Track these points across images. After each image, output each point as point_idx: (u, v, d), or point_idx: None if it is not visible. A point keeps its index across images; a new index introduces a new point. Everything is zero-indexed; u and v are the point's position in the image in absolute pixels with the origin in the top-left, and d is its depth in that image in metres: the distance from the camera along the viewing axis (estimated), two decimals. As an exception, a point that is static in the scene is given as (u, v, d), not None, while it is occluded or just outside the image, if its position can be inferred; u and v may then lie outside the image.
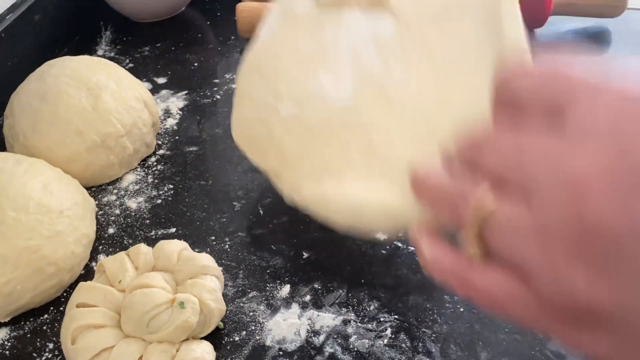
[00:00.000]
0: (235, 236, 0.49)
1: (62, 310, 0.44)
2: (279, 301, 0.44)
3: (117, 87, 0.56)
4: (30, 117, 0.53)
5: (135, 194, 0.54)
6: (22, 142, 0.53)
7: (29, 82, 0.56)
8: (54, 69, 0.56)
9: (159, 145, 0.60)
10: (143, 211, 0.52)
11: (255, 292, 0.45)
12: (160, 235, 0.50)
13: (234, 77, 0.70)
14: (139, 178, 0.56)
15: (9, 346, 0.42)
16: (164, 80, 0.70)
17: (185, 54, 0.75)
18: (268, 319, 0.43)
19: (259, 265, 0.47)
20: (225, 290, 0.44)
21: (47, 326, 0.43)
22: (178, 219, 0.51)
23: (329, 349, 0.40)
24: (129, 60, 0.75)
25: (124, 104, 0.55)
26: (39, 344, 0.42)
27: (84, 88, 0.54)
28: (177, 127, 0.63)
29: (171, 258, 0.42)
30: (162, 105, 0.66)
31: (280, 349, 0.41)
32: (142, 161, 0.58)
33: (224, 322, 0.42)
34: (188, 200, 0.53)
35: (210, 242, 0.49)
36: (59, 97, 0.53)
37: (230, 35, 0.79)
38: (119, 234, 0.50)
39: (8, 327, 0.44)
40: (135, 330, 0.38)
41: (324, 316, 0.42)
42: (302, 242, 0.48)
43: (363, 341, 0.41)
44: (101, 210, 0.53)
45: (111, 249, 0.49)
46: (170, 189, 0.55)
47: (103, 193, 0.55)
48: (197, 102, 0.66)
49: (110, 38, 0.80)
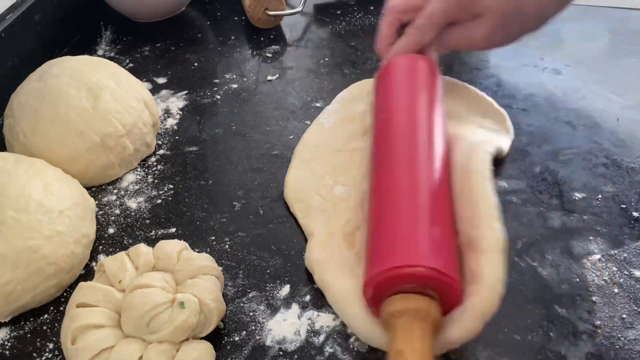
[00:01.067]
0: (235, 236, 0.49)
1: (62, 310, 0.44)
2: (279, 301, 0.44)
3: (117, 87, 0.56)
4: (30, 117, 0.53)
5: (135, 194, 0.54)
6: (22, 142, 0.53)
7: (29, 82, 0.56)
8: (54, 69, 0.56)
9: (159, 145, 0.60)
10: (143, 211, 0.52)
11: (255, 292, 0.45)
12: (160, 235, 0.50)
13: (234, 77, 0.70)
14: (139, 178, 0.56)
15: (9, 346, 0.42)
16: (164, 80, 0.70)
17: (185, 54, 0.75)
18: (268, 319, 0.43)
19: (259, 265, 0.47)
20: (225, 290, 0.44)
21: (47, 326, 0.43)
22: (178, 219, 0.51)
23: (329, 349, 0.40)
24: (129, 60, 0.75)
25: (124, 104, 0.55)
26: (39, 344, 0.42)
27: (84, 88, 0.54)
28: (177, 127, 0.63)
29: (171, 258, 0.42)
30: (162, 105, 0.66)
31: (280, 349, 0.41)
32: (142, 161, 0.58)
33: (224, 322, 0.42)
34: (188, 200, 0.53)
35: (210, 242, 0.49)
36: (59, 97, 0.53)
37: (230, 35, 0.79)
38: (119, 234, 0.50)
39: (8, 327, 0.44)
40: (135, 330, 0.38)
41: (324, 316, 0.42)
42: (302, 242, 0.48)
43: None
44: (101, 210, 0.53)
45: (111, 249, 0.49)
46: (170, 189, 0.55)
47: (103, 193, 0.55)
48: (197, 102, 0.66)
49: (110, 38, 0.80)
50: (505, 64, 0.69)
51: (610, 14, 0.77)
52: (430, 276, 0.34)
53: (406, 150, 0.43)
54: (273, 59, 0.73)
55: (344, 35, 0.77)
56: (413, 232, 0.37)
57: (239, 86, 0.68)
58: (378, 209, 0.41)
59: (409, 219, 0.38)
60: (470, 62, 0.70)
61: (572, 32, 0.74)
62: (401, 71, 0.52)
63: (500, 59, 0.70)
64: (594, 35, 0.73)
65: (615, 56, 0.69)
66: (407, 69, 0.52)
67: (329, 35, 0.78)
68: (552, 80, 0.65)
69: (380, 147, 0.46)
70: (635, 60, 0.68)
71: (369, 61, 0.71)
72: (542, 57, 0.69)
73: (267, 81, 0.69)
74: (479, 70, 0.68)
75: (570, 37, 0.73)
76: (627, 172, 0.52)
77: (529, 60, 0.69)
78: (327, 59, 0.72)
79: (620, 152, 0.54)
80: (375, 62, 0.70)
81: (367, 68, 0.70)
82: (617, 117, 0.58)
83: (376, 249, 0.38)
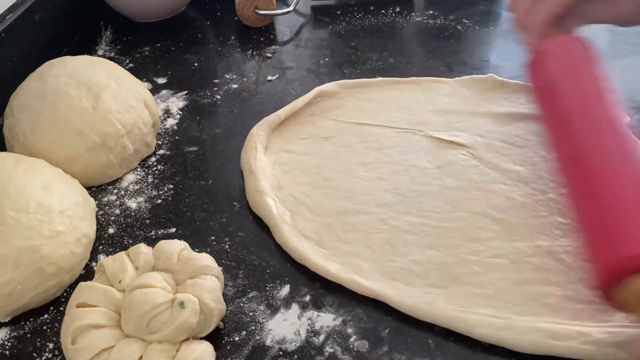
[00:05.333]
0: (235, 236, 0.49)
1: (62, 310, 0.44)
2: (279, 301, 0.44)
3: (117, 87, 0.56)
4: (30, 117, 0.53)
5: (135, 194, 0.54)
6: (22, 142, 0.53)
7: (29, 82, 0.56)
8: (54, 69, 0.56)
9: (159, 145, 0.60)
10: (143, 211, 0.52)
11: (255, 292, 0.45)
12: (160, 235, 0.50)
13: (234, 77, 0.70)
14: (139, 178, 0.56)
15: (9, 346, 0.42)
16: (164, 80, 0.70)
17: (185, 54, 0.75)
18: (268, 319, 0.43)
19: (259, 265, 0.47)
20: (225, 290, 0.44)
21: (47, 326, 0.43)
22: (178, 219, 0.51)
23: (329, 349, 0.40)
24: (129, 60, 0.75)
25: (124, 104, 0.55)
26: (39, 344, 0.42)
27: (84, 88, 0.54)
28: (177, 127, 0.63)
29: (171, 258, 0.42)
30: (162, 105, 0.66)
31: (280, 349, 0.41)
32: (142, 161, 0.58)
33: (224, 322, 0.42)
34: (188, 200, 0.53)
35: (210, 242, 0.49)
36: (59, 97, 0.53)
37: (230, 36, 0.79)
38: (119, 234, 0.50)
39: (8, 327, 0.44)
40: (135, 330, 0.38)
41: (324, 316, 0.42)
42: (302, 242, 0.48)
43: (363, 341, 0.41)
44: (101, 210, 0.53)
45: (111, 249, 0.49)
46: (170, 189, 0.55)
47: (103, 193, 0.55)
48: (197, 102, 0.66)
49: (110, 38, 0.80)
50: (505, 64, 0.69)
51: (610, 14, 0.77)
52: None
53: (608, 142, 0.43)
54: (273, 59, 0.73)
55: (344, 35, 0.77)
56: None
57: (239, 86, 0.68)
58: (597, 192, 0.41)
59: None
60: (471, 62, 0.70)
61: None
62: (566, 65, 0.49)
63: (501, 59, 0.70)
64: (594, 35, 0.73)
65: (615, 56, 0.69)
66: (571, 61, 0.49)
67: (329, 35, 0.78)
68: (552, 80, 0.65)
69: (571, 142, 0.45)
70: (635, 60, 0.68)
71: (369, 61, 0.71)
72: (542, 57, 0.69)
73: (267, 81, 0.69)
74: (479, 70, 0.68)
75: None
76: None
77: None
78: (327, 59, 0.72)
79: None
80: (376, 62, 0.70)
81: (367, 68, 0.70)
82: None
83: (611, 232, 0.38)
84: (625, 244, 0.37)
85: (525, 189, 0.51)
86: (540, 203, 0.49)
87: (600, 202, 0.40)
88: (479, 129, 0.58)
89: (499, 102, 0.61)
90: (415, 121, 0.59)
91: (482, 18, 0.78)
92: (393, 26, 0.78)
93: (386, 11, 0.81)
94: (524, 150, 0.55)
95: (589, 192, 0.41)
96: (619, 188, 0.40)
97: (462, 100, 0.62)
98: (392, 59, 0.71)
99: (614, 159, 0.41)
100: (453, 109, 0.61)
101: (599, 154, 0.42)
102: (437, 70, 0.68)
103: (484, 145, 0.56)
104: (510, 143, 0.56)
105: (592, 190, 0.41)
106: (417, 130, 0.58)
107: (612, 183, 0.40)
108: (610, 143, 0.42)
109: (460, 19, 0.78)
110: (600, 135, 0.43)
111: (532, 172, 0.52)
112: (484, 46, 0.74)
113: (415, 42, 0.76)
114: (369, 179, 0.53)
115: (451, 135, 0.57)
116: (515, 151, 0.55)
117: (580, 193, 0.42)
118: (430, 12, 0.80)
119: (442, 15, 0.79)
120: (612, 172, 0.41)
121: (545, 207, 0.49)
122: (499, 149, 0.55)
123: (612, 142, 0.42)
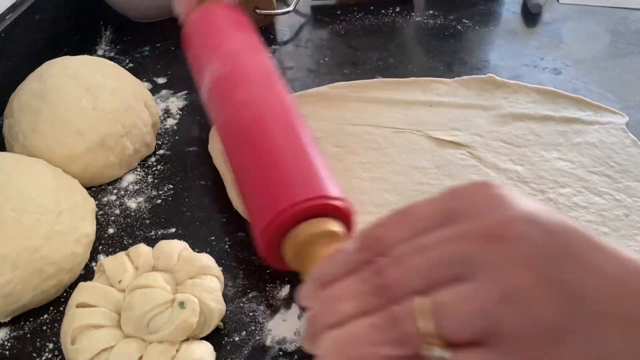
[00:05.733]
0: (235, 236, 0.49)
1: (62, 310, 0.44)
2: (279, 301, 0.44)
3: (117, 87, 0.56)
4: (30, 117, 0.53)
5: (135, 194, 0.54)
6: (22, 142, 0.53)
7: (29, 82, 0.56)
8: (54, 69, 0.56)
9: (159, 145, 0.60)
10: (143, 211, 0.52)
11: (255, 292, 0.45)
12: (160, 235, 0.50)
13: (233, 77, 0.70)
14: (139, 178, 0.56)
15: (9, 346, 0.42)
16: (164, 80, 0.70)
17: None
18: (268, 319, 0.43)
19: (259, 265, 0.47)
20: (225, 290, 0.44)
21: (47, 326, 0.43)
22: (178, 219, 0.51)
23: (328, 349, 0.40)
24: (129, 60, 0.75)
25: (124, 104, 0.55)
26: (39, 344, 0.42)
27: (84, 88, 0.54)
28: (177, 127, 0.63)
29: (171, 258, 0.42)
30: (162, 105, 0.66)
31: (280, 349, 0.41)
32: (142, 161, 0.58)
33: (224, 322, 0.42)
34: (188, 200, 0.53)
35: (210, 242, 0.49)
36: (59, 97, 0.53)
37: (230, 35, 0.79)
38: (119, 234, 0.50)
39: (8, 327, 0.44)
40: (135, 330, 0.38)
41: (323, 316, 0.42)
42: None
43: (363, 341, 0.41)
44: (101, 210, 0.53)
45: (111, 249, 0.49)
46: (170, 189, 0.55)
47: (103, 193, 0.55)
48: (197, 102, 0.66)
49: (110, 38, 0.80)
50: (505, 64, 0.69)
51: (610, 14, 0.77)
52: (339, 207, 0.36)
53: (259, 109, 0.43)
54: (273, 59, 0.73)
55: (344, 35, 0.77)
56: (305, 168, 0.38)
57: (239, 86, 0.68)
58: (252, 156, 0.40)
59: (293, 158, 0.39)
60: (470, 62, 0.70)
61: (572, 32, 0.74)
62: (207, 29, 0.53)
63: (501, 59, 0.70)
64: (594, 35, 0.73)
65: (615, 56, 0.69)
66: (211, 25, 0.53)
67: (329, 35, 0.78)
68: (552, 80, 0.65)
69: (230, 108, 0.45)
70: (635, 60, 0.68)
71: (369, 61, 0.71)
72: (542, 57, 0.69)
73: (267, 81, 0.69)
74: (478, 70, 0.68)
75: (570, 37, 0.73)
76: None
77: (529, 60, 0.69)
78: (327, 59, 0.72)
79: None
80: (376, 62, 0.70)
81: (367, 68, 0.70)
82: (617, 117, 0.58)
83: (267, 192, 0.38)
84: (274, 205, 0.36)
85: (525, 189, 0.51)
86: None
87: (255, 165, 0.40)
88: (479, 129, 0.58)
89: (498, 102, 0.61)
90: (414, 121, 0.59)
91: (482, 18, 0.78)
92: (393, 26, 0.78)
93: (386, 11, 0.81)
94: (524, 150, 0.55)
95: (247, 157, 0.41)
96: (272, 149, 0.39)
97: (461, 100, 0.62)
98: (392, 59, 0.71)
99: (263, 110, 0.42)
100: (452, 108, 0.61)
101: (246, 108, 0.43)
102: (437, 70, 0.68)
103: (483, 145, 0.56)
104: (510, 143, 0.56)
105: (249, 155, 0.41)
106: (416, 130, 0.58)
107: (263, 144, 0.40)
108: (256, 91, 0.43)
109: (460, 19, 0.78)
110: (244, 87, 0.44)
111: (531, 172, 0.52)
112: (484, 46, 0.74)
113: (415, 42, 0.76)
114: (367, 179, 0.53)
115: (450, 135, 0.57)
116: (514, 151, 0.55)
117: (239, 161, 0.42)
118: (430, 12, 0.80)
119: (442, 15, 0.79)
120: (262, 131, 0.41)
121: None
122: (498, 149, 0.55)
123: (258, 91, 0.43)
